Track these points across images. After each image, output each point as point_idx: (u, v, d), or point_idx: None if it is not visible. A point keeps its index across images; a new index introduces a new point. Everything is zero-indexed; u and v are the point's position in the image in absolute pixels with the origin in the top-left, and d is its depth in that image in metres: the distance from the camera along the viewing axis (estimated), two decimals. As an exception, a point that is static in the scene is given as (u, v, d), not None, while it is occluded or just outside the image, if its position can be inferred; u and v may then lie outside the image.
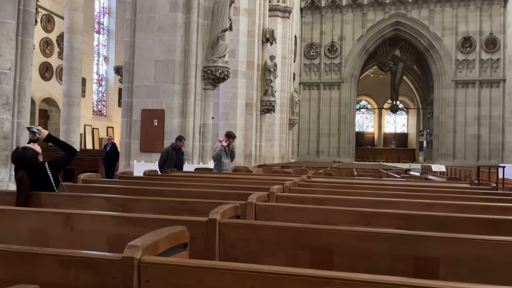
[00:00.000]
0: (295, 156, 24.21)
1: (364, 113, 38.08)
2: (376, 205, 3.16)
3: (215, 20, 8.76)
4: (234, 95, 12.91)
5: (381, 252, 1.82)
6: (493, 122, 23.56)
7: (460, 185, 5.11)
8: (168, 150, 7.59)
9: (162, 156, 7.55)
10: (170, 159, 7.57)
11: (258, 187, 3.90)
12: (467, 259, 1.71)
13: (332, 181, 5.39)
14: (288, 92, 19.57)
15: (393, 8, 24.91)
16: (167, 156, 7.51)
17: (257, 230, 1.94)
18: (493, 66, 23.62)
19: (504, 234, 2.30)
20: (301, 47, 25.71)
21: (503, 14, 23.29)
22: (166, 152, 7.55)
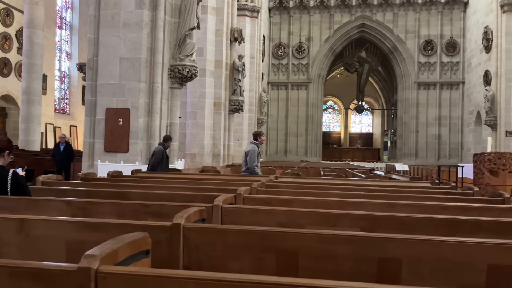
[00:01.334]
0: (263, 155, 24.30)
1: (331, 113, 38.74)
2: (341, 205, 3.20)
3: (182, 18, 8.64)
4: (202, 94, 12.79)
5: (346, 254, 1.83)
6: (453, 123, 24.52)
7: (422, 185, 5.26)
8: (163, 151, 7.44)
9: (157, 157, 7.34)
10: (165, 160, 7.45)
11: (225, 189, 3.87)
12: (428, 259, 1.74)
13: (299, 181, 5.43)
14: (256, 92, 19.60)
15: (359, 10, 25.44)
16: (162, 157, 7.38)
17: (222, 234, 1.91)
18: (453, 69, 24.58)
19: (463, 233, 2.37)
20: (269, 47, 25.83)
21: (463, 18, 24.27)
22: (161, 153, 7.37)
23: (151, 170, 7.14)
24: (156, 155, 7.37)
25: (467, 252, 1.70)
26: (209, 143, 13.00)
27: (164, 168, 7.34)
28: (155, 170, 7.12)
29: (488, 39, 19.61)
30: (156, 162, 7.29)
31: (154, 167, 7.27)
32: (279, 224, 2.56)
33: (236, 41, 13.92)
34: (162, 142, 7.87)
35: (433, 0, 24.47)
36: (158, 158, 7.28)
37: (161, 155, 7.32)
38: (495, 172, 6.89)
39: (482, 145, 19.98)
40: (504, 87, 18.09)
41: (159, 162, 7.27)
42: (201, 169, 8.85)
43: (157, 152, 7.39)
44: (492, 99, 18.59)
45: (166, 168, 7.41)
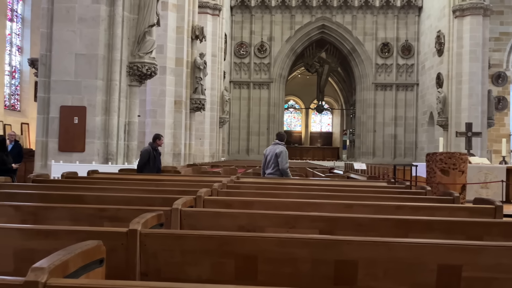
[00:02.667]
0: (225, 154, 24.23)
1: (292, 113, 39.22)
2: (300, 206, 3.24)
3: (141, 14, 8.44)
4: (162, 92, 12.56)
5: (304, 257, 1.85)
6: (408, 123, 25.51)
7: (378, 184, 5.43)
8: (149, 151, 7.12)
9: (143, 158, 7.02)
10: (152, 161, 7.12)
11: (185, 190, 3.82)
12: (382, 261, 1.80)
13: (260, 181, 5.46)
14: (218, 91, 19.50)
15: (319, 11, 25.88)
16: (149, 157, 7.06)
17: (180, 239, 1.88)
18: (408, 71, 25.56)
19: (415, 233, 2.47)
20: (231, 45, 25.76)
21: (417, 23, 25.28)
22: (147, 154, 7.03)
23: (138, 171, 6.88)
24: (142, 155, 7.12)
25: (419, 253, 1.77)
26: (170, 142, 12.79)
27: (152, 169, 7.03)
28: (142, 171, 6.85)
29: (441, 43, 20.53)
30: (141, 163, 7.02)
31: (140, 168, 7.00)
32: (239, 227, 2.55)
33: (197, 39, 13.77)
34: (151, 141, 7.59)
35: (389, 4, 25.30)
36: (144, 159, 7.02)
37: (147, 156, 7.03)
38: (446, 171, 7.22)
39: (434, 145, 20.91)
40: (455, 90, 19.01)
41: (145, 163, 7.01)
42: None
43: (143, 153, 7.14)
44: (444, 100, 19.49)
45: (154, 169, 7.12)
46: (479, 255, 1.74)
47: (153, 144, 7.31)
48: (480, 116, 18.28)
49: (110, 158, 8.19)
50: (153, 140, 7.53)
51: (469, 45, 18.47)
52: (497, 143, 20.20)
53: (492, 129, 20.85)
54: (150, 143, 7.44)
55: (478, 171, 9.08)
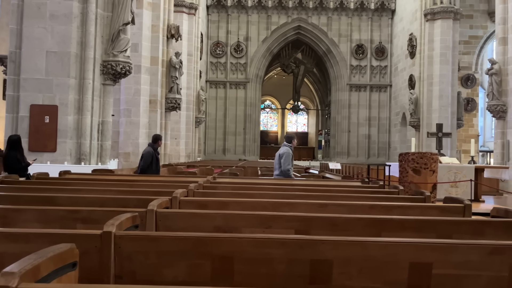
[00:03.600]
0: (201, 154, 24.09)
1: (269, 113, 39.38)
2: (276, 206, 3.26)
3: (116, 12, 8.29)
4: (137, 91, 12.36)
5: (279, 257, 1.87)
6: (381, 123, 26.03)
7: (352, 184, 5.53)
8: (151, 153, 6.98)
9: (146, 160, 6.88)
10: (154, 163, 7.01)
11: (161, 191, 3.78)
12: (357, 260, 1.83)
13: (237, 181, 5.46)
14: (194, 90, 19.36)
15: (295, 12, 26.08)
16: (151, 159, 6.88)
17: (155, 241, 1.87)
18: (381, 72, 26.08)
19: (388, 232, 2.53)
20: (207, 45, 25.63)
21: (390, 25, 25.83)
22: (150, 156, 6.92)
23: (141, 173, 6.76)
24: (145, 158, 6.98)
25: (391, 252, 1.81)
26: (145, 142, 12.60)
27: (154, 171, 6.96)
28: (145, 173, 6.73)
29: (413, 46, 21.04)
30: (145, 166, 6.91)
31: (144, 171, 6.86)
32: (216, 228, 2.55)
33: (173, 38, 13.64)
34: (151, 142, 7.40)
35: (364, 7, 25.75)
36: (147, 161, 6.90)
37: (150, 158, 6.95)
38: (417, 170, 7.41)
39: (407, 145, 21.41)
40: (426, 91, 19.52)
41: (148, 165, 6.90)
42: (135, 170, 8.57)
43: (146, 155, 6.98)
44: (416, 101, 19.98)
45: (156, 171, 7.00)
46: (449, 253, 1.80)
47: (154, 145, 7.20)
48: (450, 117, 18.83)
49: (83, 158, 8.02)
50: (153, 141, 7.38)
51: (440, 48, 19.00)
52: (466, 143, 20.88)
53: (462, 130, 21.54)
54: (151, 145, 7.29)
55: (448, 171, 9.35)
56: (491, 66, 13.35)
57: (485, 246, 1.82)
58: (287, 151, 6.58)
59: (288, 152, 6.59)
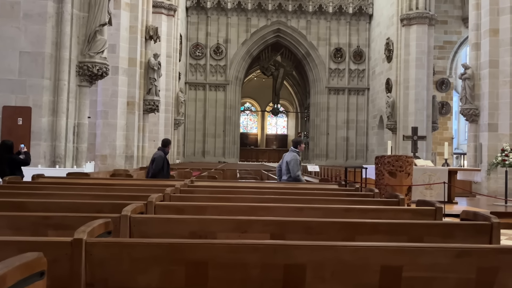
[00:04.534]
0: (180, 156, 23.90)
1: (248, 115, 39.44)
2: (253, 210, 3.27)
3: (92, 12, 8.17)
4: (114, 93, 12.19)
5: (254, 262, 1.88)
6: (359, 126, 26.41)
7: (329, 187, 5.59)
8: (163, 157, 6.92)
9: (158, 164, 6.84)
10: (166, 167, 6.96)
11: (136, 195, 3.74)
12: (329, 263, 1.86)
13: (215, 185, 5.44)
14: (173, 92, 19.22)
15: (275, 15, 26.22)
16: (163, 164, 6.85)
17: (129, 247, 1.85)
18: (359, 76, 26.47)
19: (362, 235, 2.57)
20: (186, 46, 25.49)
21: (368, 29, 26.26)
22: (162, 160, 6.88)
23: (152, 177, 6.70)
24: (157, 161, 6.93)
25: (363, 255, 1.85)
26: (122, 144, 12.45)
27: (165, 176, 6.94)
28: (156, 177, 6.68)
29: (390, 50, 21.45)
30: (157, 170, 6.85)
31: (155, 175, 6.82)
32: (191, 233, 2.54)
33: (151, 39, 13.51)
34: (162, 147, 7.35)
35: (342, 11, 26.10)
36: (159, 165, 6.86)
37: (162, 162, 6.92)
38: (393, 173, 7.55)
39: (383, 147, 21.78)
40: (403, 95, 19.92)
41: (160, 170, 6.84)
42: (112, 173, 8.44)
43: (158, 159, 6.93)
44: (393, 105, 20.37)
45: (167, 175, 7.00)
46: (418, 256, 1.85)
47: (165, 150, 7.17)
48: (425, 120, 19.27)
49: (57, 161, 7.85)
50: (164, 146, 7.35)
51: (416, 52, 19.44)
52: (441, 145, 21.41)
53: (436, 133, 22.05)
54: (161, 149, 7.25)
55: (423, 173, 9.57)
56: (464, 71, 13.74)
57: (453, 249, 1.87)
58: (294, 157, 6.50)
59: (296, 158, 6.53)
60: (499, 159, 10.16)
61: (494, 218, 2.53)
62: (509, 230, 6.92)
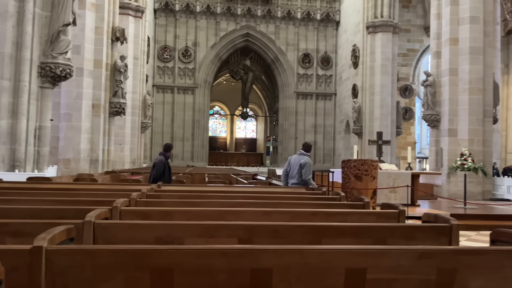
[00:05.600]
0: (147, 160, 23.48)
1: (217, 119, 39.30)
2: (222, 215, 3.26)
3: (55, 12, 7.93)
4: (78, 95, 11.85)
5: (220, 267, 1.87)
6: (327, 131, 26.87)
7: (297, 190, 5.64)
8: (164, 162, 6.85)
9: (159, 169, 6.79)
10: (167, 172, 6.86)
11: (101, 200, 3.64)
12: (296, 267, 1.88)
13: (182, 189, 5.38)
14: (140, 94, 18.88)
15: (244, 20, 26.32)
16: (164, 169, 6.79)
17: (92, 254, 1.80)
18: (327, 81, 26.96)
19: (328, 238, 2.61)
20: (154, 49, 25.15)
21: (335, 36, 26.81)
22: (162, 164, 6.83)
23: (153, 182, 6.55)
24: (158, 166, 6.88)
25: (329, 258, 1.88)
26: (86, 148, 12.10)
27: (167, 180, 6.88)
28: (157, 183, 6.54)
29: (356, 56, 21.98)
30: (158, 175, 6.74)
31: (156, 180, 6.72)
32: (157, 239, 2.50)
33: (118, 41, 13.23)
34: (163, 151, 7.28)
35: (310, 17, 26.53)
36: (160, 170, 6.82)
37: (162, 167, 6.88)
38: (359, 177, 7.72)
39: (350, 151, 22.24)
40: (368, 100, 20.45)
41: (161, 174, 6.69)
42: (75, 177, 8.19)
43: (159, 164, 6.88)
44: (359, 110, 20.86)
45: (168, 179, 6.92)
46: (381, 258, 1.89)
47: (166, 154, 7.06)
48: (390, 125, 19.85)
49: (17, 165, 7.54)
50: (166, 150, 7.29)
51: (381, 59, 20.03)
52: (404, 150, 22.09)
53: (400, 137, 22.75)
54: (163, 153, 7.18)
55: (387, 177, 9.84)
56: (426, 78, 14.26)
57: (414, 251, 1.93)
58: (309, 161, 6.67)
59: (310, 162, 6.71)
60: (459, 163, 10.59)
61: (454, 220, 2.63)
62: (467, 232, 7.22)
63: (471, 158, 10.54)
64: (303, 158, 6.67)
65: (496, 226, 2.56)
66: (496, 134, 15.41)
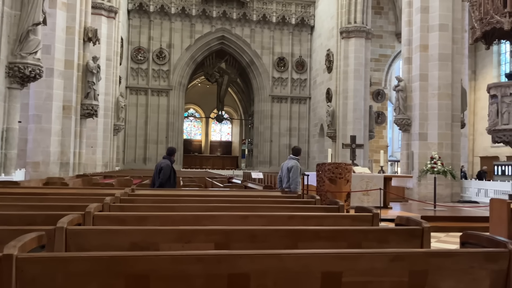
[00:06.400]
0: (120, 163, 23.05)
1: (192, 121, 38.99)
2: (198, 220, 3.24)
3: (25, 11, 7.69)
4: (49, 96, 11.52)
5: (197, 273, 1.85)
6: (301, 134, 27.11)
7: (273, 194, 5.67)
8: (170, 166, 6.73)
9: (166, 173, 6.66)
10: (173, 176, 6.79)
11: (73, 206, 3.55)
12: (273, 271, 1.89)
13: (157, 193, 5.31)
14: (113, 96, 18.54)
15: (219, 22, 26.28)
16: (170, 173, 6.70)
17: (64, 262, 1.75)
18: (301, 85, 27.22)
19: (304, 242, 2.63)
20: (128, 50, 24.76)
21: (310, 40, 27.12)
22: (169, 169, 6.72)
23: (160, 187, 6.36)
24: (165, 171, 6.74)
25: (305, 262, 1.89)
26: (57, 151, 11.78)
27: (173, 185, 6.78)
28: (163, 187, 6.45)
29: (330, 61, 22.30)
30: (165, 179, 6.65)
31: (163, 184, 6.61)
32: (132, 244, 2.46)
33: (90, 41, 12.96)
34: (167, 155, 7.09)
35: (285, 21, 26.74)
36: (167, 174, 6.69)
37: (169, 171, 6.75)
38: (333, 180, 7.82)
39: (324, 155, 22.52)
40: (342, 104, 20.78)
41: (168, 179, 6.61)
42: (45, 181, 7.95)
43: (166, 168, 6.75)
44: (332, 114, 21.16)
45: (174, 184, 6.82)
46: (357, 262, 1.93)
47: (171, 158, 6.91)
48: (363, 129, 20.23)
49: None
50: (170, 154, 7.16)
51: (354, 64, 20.41)
52: (377, 153, 22.54)
53: (373, 141, 23.21)
54: (167, 157, 7.03)
55: (361, 180, 10.01)
56: (398, 83, 14.62)
57: (387, 254, 1.97)
58: (295, 165, 6.71)
59: (297, 165, 6.74)
60: (429, 167, 10.89)
61: (425, 223, 2.71)
62: (437, 233, 7.43)
63: (440, 161, 10.87)
64: (291, 162, 6.77)
65: (464, 228, 2.65)
66: (464, 138, 15.97)
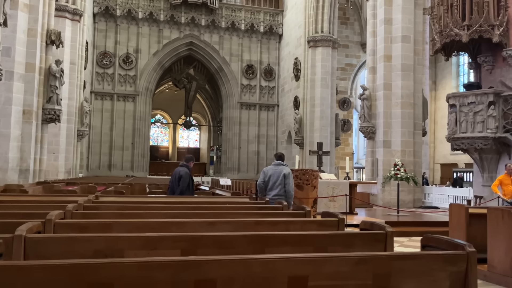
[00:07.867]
0: (84, 170, 22.38)
1: (159, 127, 38.45)
2: (164, 226, 3.19)
3: (-17, 11, 7.38)
4: (8, 100, 11.07)
5: (163, 279, 1.83)
6: (269, 141, 27.29)
7: (241, 200, 5.67)
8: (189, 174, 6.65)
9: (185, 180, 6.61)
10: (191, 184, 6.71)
11: (33, 213, 3.42)
12: (240, 277, 1.89)
13: (122, 200, 5.19)
14: (77, 101, 18.02)
15: (187, 28, 26.16)
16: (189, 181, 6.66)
17: (23, 271, 1.68)
18: (270, 93, 27.45)
19: (271, 247, 2.65)
20: (93, 54, 24.18)
21: (278, 48, 27.44)
22: (188, 176, 6.67)
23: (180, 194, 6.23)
24: (184, 178, 6.63)
25: (272, 267, 1.91)
26: (16, 157, 11.31)
27: (191, 192, 6.72)
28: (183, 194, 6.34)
29: (298, 69, 22.64)
30: (185, 187, 6.53)
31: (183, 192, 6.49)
32: (96, 252, 2.39)
33: (53, 44, 12.57)
34: (185, 162, 6.98)
35: (253, 29, 26.96)
36: (186, 182, 6.60)
37: (188, 178, 6.66)
38: (300, 186, 7.92)
39: (292, 161, 22.73)
40: (309, 112, 21.11)
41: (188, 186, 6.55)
42: (3, 188, 7.60)
43: (185, 176, 6.64)
44: (300, 121, 21.44)
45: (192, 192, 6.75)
46: (322, 265, 1.96)
47: (189, 166, 6.77)
48: (330, 137, 20.61)
49: None
50: (188, 161, 7.03)
51: (321, 72, 20.82)
52: (343, 160, 23.01)
53: (339, 148, 23.68)
54: (185, 165, 6.89)
55: (327, 186, 10.17)
56: (363, 92, 15.02)
57: (352, 257, 2.02)
58: (290, 171, 6.49)
59: (291, 172, 6.50)
60: (392, 173, 11.21)
61: (388, 227, 2.78)
62: (400, 238, 7.65)
63: (403, 168, 11.21)
64: (285, 169, 6.41)
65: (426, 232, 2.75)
66: (425, 146, 16.55)
